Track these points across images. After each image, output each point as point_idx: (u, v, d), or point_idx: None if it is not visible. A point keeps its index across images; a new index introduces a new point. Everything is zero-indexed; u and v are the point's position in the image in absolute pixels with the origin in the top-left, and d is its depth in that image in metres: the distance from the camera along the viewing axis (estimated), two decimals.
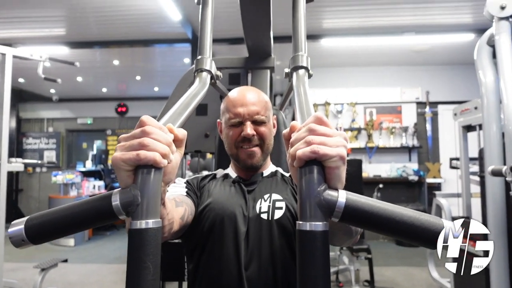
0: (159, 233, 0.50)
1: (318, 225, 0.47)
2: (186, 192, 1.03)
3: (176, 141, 0.57)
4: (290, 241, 0.98)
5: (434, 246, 0.47)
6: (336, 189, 0.51)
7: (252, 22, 1.28)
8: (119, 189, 0.51)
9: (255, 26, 1.30)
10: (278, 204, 1.01)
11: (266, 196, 1.03)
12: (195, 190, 1.08)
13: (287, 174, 1.16)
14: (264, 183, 1.09)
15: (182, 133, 0.59)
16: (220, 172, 1.19)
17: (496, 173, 1.54)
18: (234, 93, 1.11)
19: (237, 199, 1.04)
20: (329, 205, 0.48)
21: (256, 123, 1.06)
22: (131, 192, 0.50)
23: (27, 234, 0.51)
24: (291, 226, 0.99)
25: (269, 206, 1.01)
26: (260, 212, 1.00)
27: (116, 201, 0.50)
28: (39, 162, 3.96)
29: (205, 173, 1.20)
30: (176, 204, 0.87)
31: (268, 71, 1.52)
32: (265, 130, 1.07)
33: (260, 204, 1.02)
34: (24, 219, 0.53)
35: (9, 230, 0.52)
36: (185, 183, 1.09)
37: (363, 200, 0.50)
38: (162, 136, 0.53)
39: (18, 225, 0.52)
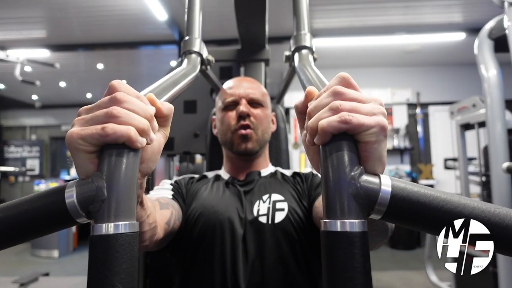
0: (135, 241, 0.34)
1: (354, 224, 0.33)
2: (172, 195, 0.89)
3: (159, 118, 0.43)
4: (295, 250, 0.85)
5: None
6: (376, 174, 0.37)
7: (245, 8, 1.16)
8: (76, 180, 0.36)
9: (248, 12, 1.18)
10: (279, 205, 0.88)
11: (265, 197, 0.90)
12: (182, 193, 0.95)
13: (288, 173, 1.03)
14: (262, 183, 0.97)
15: (168, 107, 0.44)
16: (211, 173, 1.07)
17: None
18: (230, 81, 1.05)
19: (232, 202, 0.91)
20: (369, 195, 0.34)
21: (252, 104, 0.99)
22: (93, 183, 0.34)
23: None
24: (295, 232, 0.85)
25: (268, 208, 0.87)
26: (258, 215, 0.87)
27: (71, 197, 0.34)
28: (17, 169, 3.75)
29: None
30: (160, 206, 0.74)
31: (263, 64, 1.40)
32: (261, 113, 0.99)
33: (258, 206, 0.88)
34: None
35: None
36: (171, 184, 0.96)
37: (416, 188, 0.35)
38: (139, 106, 0.38)
39: None
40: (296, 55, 0.77)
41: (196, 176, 1.05)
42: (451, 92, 5.77)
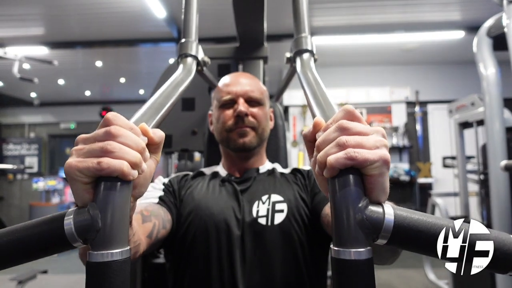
0: (127, 265, 0.38)
1: (361, 253, 0.36)
2: (160, 197, 0.87)
3: (151, 145, 0.46)
4: (295, 251, 0.84)
5: None
6: (380, 203, 0.40)
7: (243, 5, 1.16)
8: (74, 208, 0.40)
9: (247, 9, 1.17)
10: (278, 206, 0.87)
11: (264, 198, 0.89)
12: (175, 192, 0.93)
13: (286, 171, 1.02)
14: (260, 181, 0.95)
15: (159, 136, 0.47)
16: (208, 170, 1.05)
17: (510, 168, 1.45)
18: (227, 77, 1.02)
19: (227, 201, 0.90)
20: (374, 225, 0.37)
21: (250, 103, 0.97)
22: (88, 213, 0.38)
23: None
24: (295, 232, 0.85)
25: (268, 209, 0.86)
26: (258, 216, 0.86)
27: (69, 224, 0.38)
28: (15, 167, 3.74)
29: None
30: (143, 219, 0.72)
31: (261, 62, 1.39)
32: (260, 112, 0.97)
33: (258, 207, 0.87)
34: None
35: None
36: (163, 184, 0.94)
37: (416, 216, 0.38)
38: (132, 139, 0.41)
39: None
40: (298, 60, 0.78)
41: (191, 173, 1.03)
42: (450, 90, 5.78)
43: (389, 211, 0.38)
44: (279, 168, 1.04)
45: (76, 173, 0.38)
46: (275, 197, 0.89)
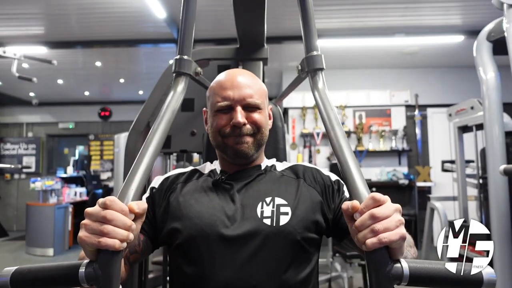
0: None
1: None
2: None
3: (137, 215, 0.62)
4: (296, 253, 0.83)
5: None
6: (399, 260, 0.58)
7: (244, 6, 1.15)
8: (87, 261, 0.59)
9: (247, 11, 1.17)
10: (283, 209, 0.85)
11: (268, 199, 0.87)
12: (160, 198, 0.93)
13: (284, 167, 1.00)
14: (260, 180, 0.94)
15: (143, 208, 0.63)
16: (205, 167, 1.02)
17: (509, 173, 1.44)
18: (223, 75, 0.96)
19: (221, 203, 0.87)
20: (397, 277, 0.57)
21: (249, 108, 0.91)
22: (93, 268, 0.58)
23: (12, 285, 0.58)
24: (298, 234, 0.83)
25: (272, 211, 0.85)
26: (263, 217, 0.84)
27: (82, 273, 0.57)
28: (12, 166, 3.71)
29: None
30: None
31: (261, 63, 1.39)
32: (260, 118, 0.92)
33: (262, 207, 0.86)
34: (12, 269, 0.59)
35: None
36: (151, 190, 0.95)
37: (423, 264, 0.58)
38: (122, 222, 0.58)
39: (4, 276, 0.58)
40: (312, 80, 0.88)
41: (188, 170, 1.01)
42: (450, 94, 5.78)
43: (405, 265, 0.57)
44: (278, 166, 1.01)
45: (85, 245, 0.58)
46: (279, 200, 0.87)
